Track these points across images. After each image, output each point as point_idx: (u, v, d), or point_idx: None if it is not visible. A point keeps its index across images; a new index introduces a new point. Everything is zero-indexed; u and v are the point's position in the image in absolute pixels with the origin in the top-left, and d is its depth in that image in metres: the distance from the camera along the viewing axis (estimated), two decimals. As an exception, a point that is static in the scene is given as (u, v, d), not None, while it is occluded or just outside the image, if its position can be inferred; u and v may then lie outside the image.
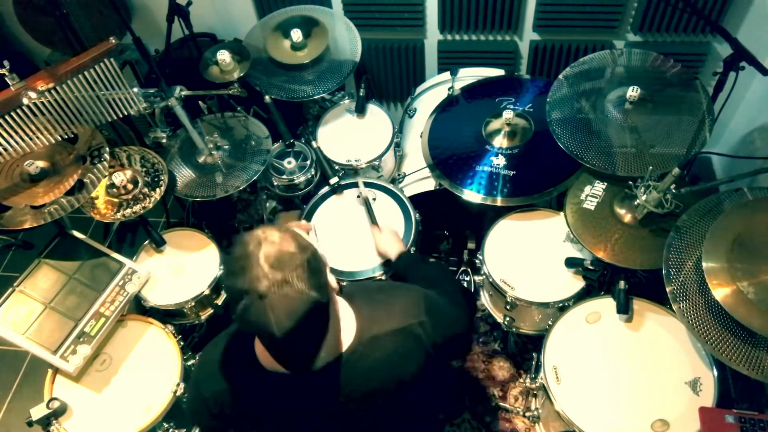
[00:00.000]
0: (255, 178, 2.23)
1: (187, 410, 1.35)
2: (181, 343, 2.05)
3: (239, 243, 1.07)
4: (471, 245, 2.62)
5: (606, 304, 1.91)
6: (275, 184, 2.43)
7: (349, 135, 2.54)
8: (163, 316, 2.20)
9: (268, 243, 1.04)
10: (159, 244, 2.25)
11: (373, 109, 2.61)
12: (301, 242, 1.08)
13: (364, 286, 1.40)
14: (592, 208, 2.00)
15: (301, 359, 1.12)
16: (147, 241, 2.28)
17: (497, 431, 2.28)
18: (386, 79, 3.03)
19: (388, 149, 2.46)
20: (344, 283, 1.77)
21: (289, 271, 1.02)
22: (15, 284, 1.97)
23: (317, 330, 1.10)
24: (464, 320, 1.42)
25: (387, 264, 2.05)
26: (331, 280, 1.15)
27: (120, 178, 2.11)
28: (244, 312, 1.02)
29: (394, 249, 1.87)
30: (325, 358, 1.15)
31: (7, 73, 1.68)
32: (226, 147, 2.35)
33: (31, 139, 1.78)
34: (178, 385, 1.93)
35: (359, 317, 1.22)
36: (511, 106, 2.28)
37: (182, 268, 2.24)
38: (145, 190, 2.15)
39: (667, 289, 1.63)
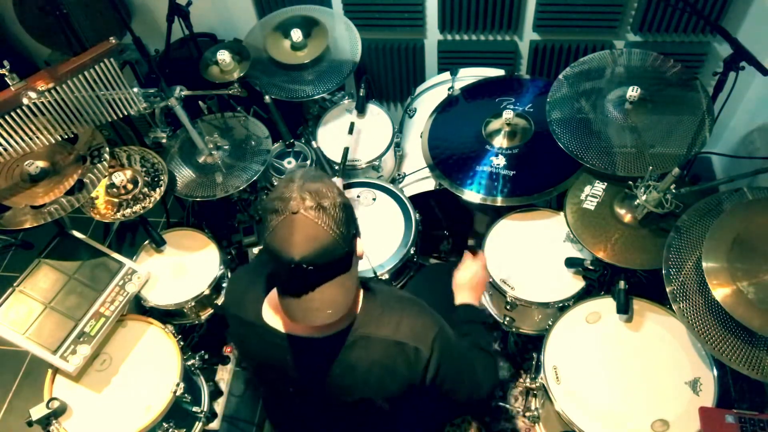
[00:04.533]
0: (255, 178, 2.23)
1: None
2: (181, 343, 2.05)
3: (284, 179, 1.13)
4: (470, 243, 2.62)
5: (606, 304, 1.91)
6: (275, 184, 2.43)
7: (349, 135, 2.54)
8: (163, 316, 2.20)
9: (311, 178, 1.11)
10: (159, 244, 2.25)
11: (373, 109, 2.61)
12: (341, 191, 1.14)
13: (391, 289, 1.39)
14: (592, 208, 2.00)
15: (305, 286, 1.10)
16: (147, 241, 2.28)
17: (497, 431, 2.28)
18: (386, 79, 3.03)
19: (388, 149, 2.46)
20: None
21: (325, 202, 1.07)
22: (15, 284, 1.97)
23: (331, 272, 1.10)
24: (469, 394, 1.32)
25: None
26: (359, 245, 1.19)
27: (120, 178, 2.11)
28: (274, 230, 1.07)
29: (466, 294, 1.57)
30: (331, 318, 1.10)
31: (7, 73, 1.68)
32: (226, 147, 2.35)
33: (31, 139, 1.78)
34: (178, 385, 1.92)
35: (363, 312, 1.21)
36: (511, 106, 2.28)
37: (182, 268, 2.24)
38: (145, 190, 2.15)
39: (667, 289, 1.63)
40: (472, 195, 2.14)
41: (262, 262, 1.34)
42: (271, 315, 1.23)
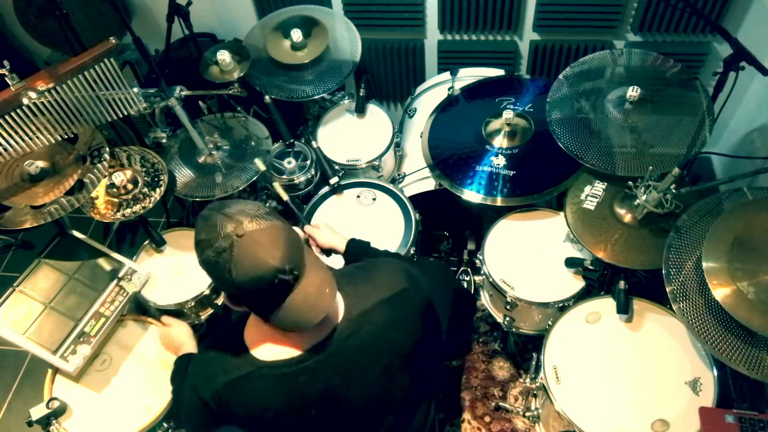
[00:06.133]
0: (255, 178, 2.24)
1: (185, 416, 1.34)
2: (181, 343, 2.05)
3: (201, 230, 1.11)
4: (471, 245, 2.62)
5: (606, 304, 1.91)
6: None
7: (349, 135, 2.54)
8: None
9: (221, 207, 1.11)
10: (159, 244, 2.25)
11: (373, 109, 2.61)
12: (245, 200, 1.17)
13: (343, 270, 1.41)
14: (592, 208, 2.00)
15: (294, 282, 1.11)
16: (147, 241, 2.28)
17: (497, 431, 2.28)
18: (386, 79, 3.03)
19: (388, 149, 2.46)
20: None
21: (252, 211, 1.09)
22: (15, 284, 1.97)
23: (303, 257, 1.13)
24: (428, 283, 1.42)
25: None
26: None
27: (120, 178, 2.11)
28: (235, 263, 1.05)
29: (338, 241, 1.74)
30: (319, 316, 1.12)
31: (7, 73, 1.68)
32: (226, 147, 2.35)
33: (31, 139, 1.78)
34: (178, 385, 1.93)
35: (344, 297, 1.24)
36: (511, 106, 2.28)
37: (182, 268, 2.24)
38: (145, 190, 2.14)
39: (667, 289, 1.63)
40: (472, 195, 2.14)
41: (215, 340, 1.30)
42: (264, 353, 1.20)
